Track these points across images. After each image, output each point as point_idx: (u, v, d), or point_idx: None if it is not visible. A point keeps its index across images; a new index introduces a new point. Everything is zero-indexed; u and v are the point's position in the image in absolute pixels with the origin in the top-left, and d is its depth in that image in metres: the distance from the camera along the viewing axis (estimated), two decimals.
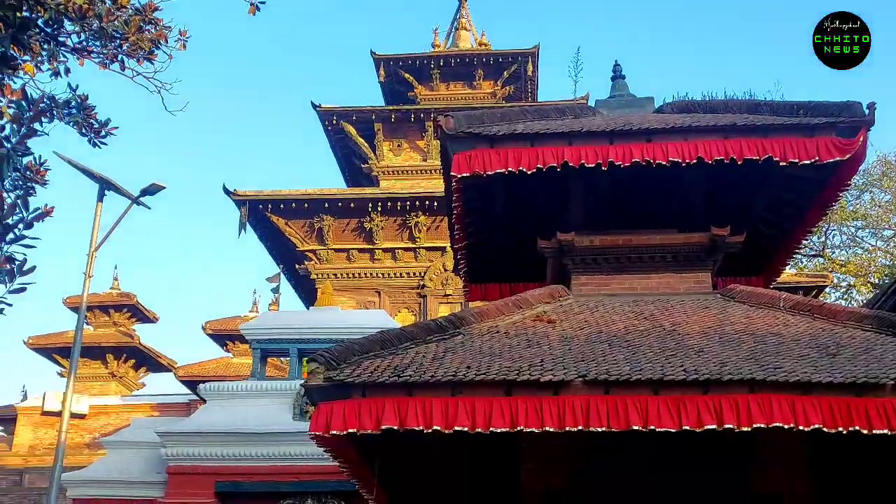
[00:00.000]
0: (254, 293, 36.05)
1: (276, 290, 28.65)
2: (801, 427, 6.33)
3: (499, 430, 6.44)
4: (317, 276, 26.27)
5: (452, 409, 6.48)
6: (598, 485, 7.97)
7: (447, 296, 25.87)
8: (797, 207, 9.82)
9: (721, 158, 8.44)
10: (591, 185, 9.50)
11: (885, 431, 6.28)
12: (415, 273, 26.33)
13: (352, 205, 26.07)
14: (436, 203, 24.89)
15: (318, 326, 17.08)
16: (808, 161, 8.40)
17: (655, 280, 9.21)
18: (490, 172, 8.60)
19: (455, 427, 6.44)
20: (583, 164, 8.52)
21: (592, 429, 6.43)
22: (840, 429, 6.32)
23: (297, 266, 27.31)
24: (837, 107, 8.53)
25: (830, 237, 30.75)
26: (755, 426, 6.34)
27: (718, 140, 8.51)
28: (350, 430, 6.51)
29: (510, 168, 8.56)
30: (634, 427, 6.37)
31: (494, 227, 10.29)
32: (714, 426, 6.34)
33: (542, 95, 31.79)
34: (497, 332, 7.92)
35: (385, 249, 26.42)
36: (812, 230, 11.56)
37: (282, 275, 28.69)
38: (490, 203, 9.86)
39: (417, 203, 25.83)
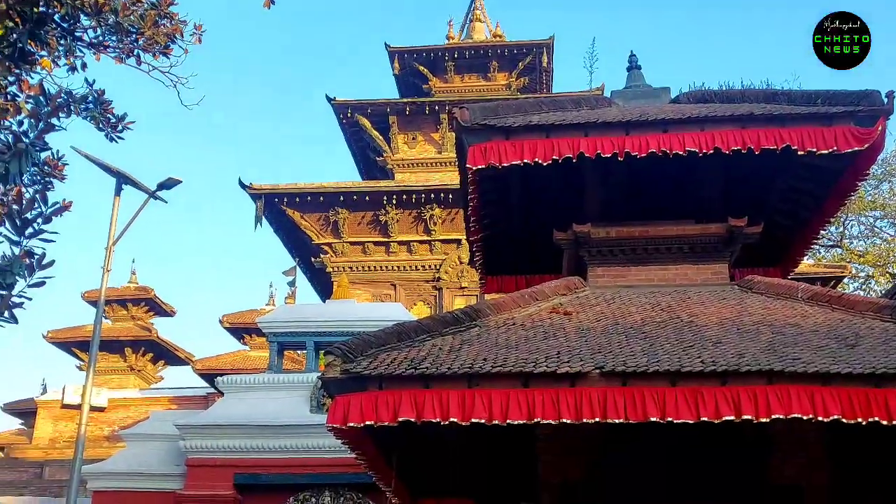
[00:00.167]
0: (270, 286, 36.08)
1: (293, 284, 28.75)
2: (820, 418, 6.27)
3: (516, 423, 6.42)
4: (332, 270, 26.35)
5: (469, 402, 6.46)
6: (616, 477, 7.95)
7: (463, 288, 25.88)
8: (815, 197, 9.74)
9: (738, 148, 8.38)
10: (607, 177, 9.47)
11: None
12: (430, 266, 26.34)
13: (367, 198, 26.10)
14: (451, 195, 24.86)
15: (335, 319, 17.14)
16: (826, 151, 8.32)
17: (672, 271, 9.17)
18: (505, 164, 8.58)
19: (472, 419, 6.42)
20: (599, 155, 8.49)
21: (610, 420, 6.40)
22: (859, 420, 6.25)
23: (313, 259, 27.38)
24: (856, 95, 8.44)
25: (848, 227, 30.54)
26: (773, 417, 6.29)
27: (735, 130, 8.45)
28: (367, 423, 6.52)
29: (526, 160, 8.54)
30: (652, 419, 6.34)
31: (510, 219, 10.27)
32: (732, 417, 6.30)
33: (557, 87, 31.77)
34: (513, 324, 7.91)
35: (400, 242, 26.45)
36: (830, 220, 11.45)
37: (297, 268, 28.77)
38: (506, 195, 9.84)
39: (432, 195, 25.83)
